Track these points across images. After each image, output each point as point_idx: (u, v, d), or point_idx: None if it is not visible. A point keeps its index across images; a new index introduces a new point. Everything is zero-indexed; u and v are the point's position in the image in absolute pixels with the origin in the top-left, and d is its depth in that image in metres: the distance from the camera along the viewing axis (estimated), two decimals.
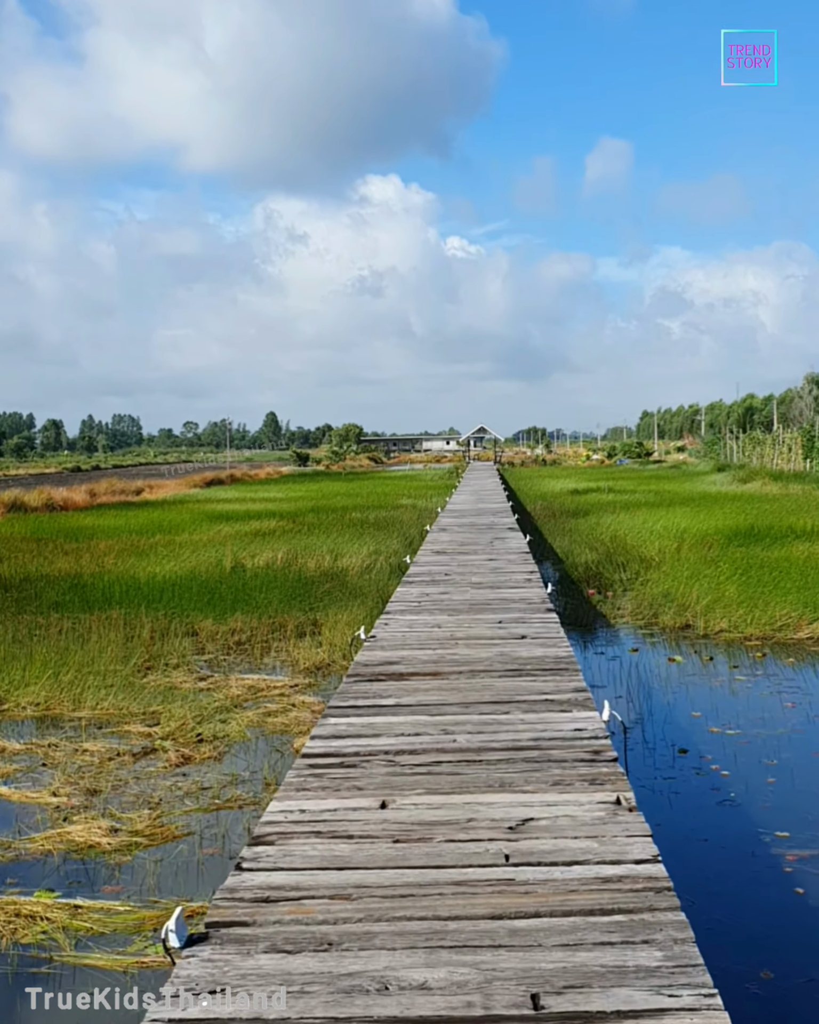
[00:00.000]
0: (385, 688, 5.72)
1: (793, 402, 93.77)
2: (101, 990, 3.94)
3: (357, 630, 7.76)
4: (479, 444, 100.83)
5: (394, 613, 8.49)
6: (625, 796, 3.55)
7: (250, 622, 12.31)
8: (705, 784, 6.89)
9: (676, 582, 13.97)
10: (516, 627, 7.51)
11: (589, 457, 78.37)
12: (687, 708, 8.71)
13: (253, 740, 8.25)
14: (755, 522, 19.37)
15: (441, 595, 9.37)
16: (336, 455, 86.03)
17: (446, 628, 7.59)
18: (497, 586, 9.84)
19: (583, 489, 34.20)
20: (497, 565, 11.50)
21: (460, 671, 6.09)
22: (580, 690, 5.46)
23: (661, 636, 11.74)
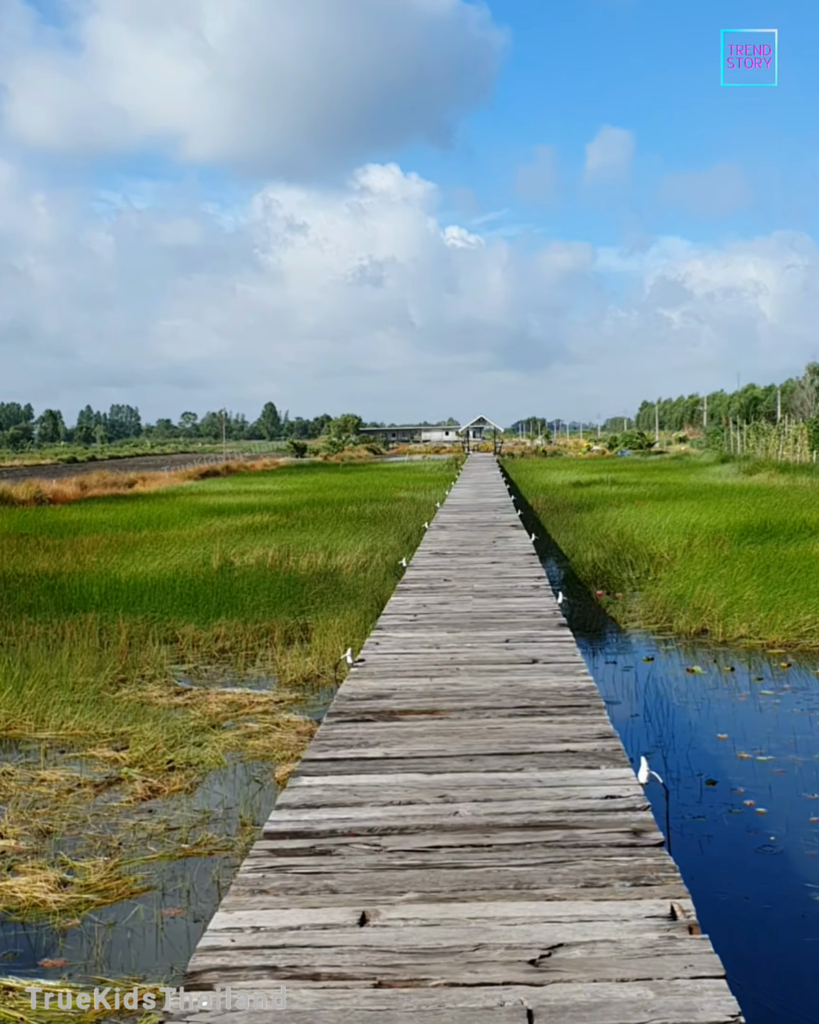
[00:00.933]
0: (372, 733, 4.80)
1: (795, 392, 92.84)
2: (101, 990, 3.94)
3: (344, 652, 6.92)
4: (478, 435, 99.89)
5: (386, 629, 7.62)
6: (681, 906, 2.69)
7: (235, 627, 11.48)
8: (739, 824, 6.07)
9: (689, 582, 13.14)
10: (526, 648, 6.63)
11: (590, 448, 77.44)
12: (711, 728, 7.89)
13: (230, 767, 7.43)
14: (767, 517, 18.53)
15: (440, 606, 8.53)
16: (334, 446, 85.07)
17: (445, 649, 6.73)
18: (502, 595, 8.99)
19: (585, 481, 33.34)
20: (501, 569, 10.71)
21: (462, 708, 5.19)
22: (607, 736, 4.55)
23: (676, 642, 10.92)
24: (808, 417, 68.56)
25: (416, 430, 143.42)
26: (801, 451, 40.75)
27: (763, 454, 44.32)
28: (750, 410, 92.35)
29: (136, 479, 41.45)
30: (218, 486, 37.44)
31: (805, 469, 34.08)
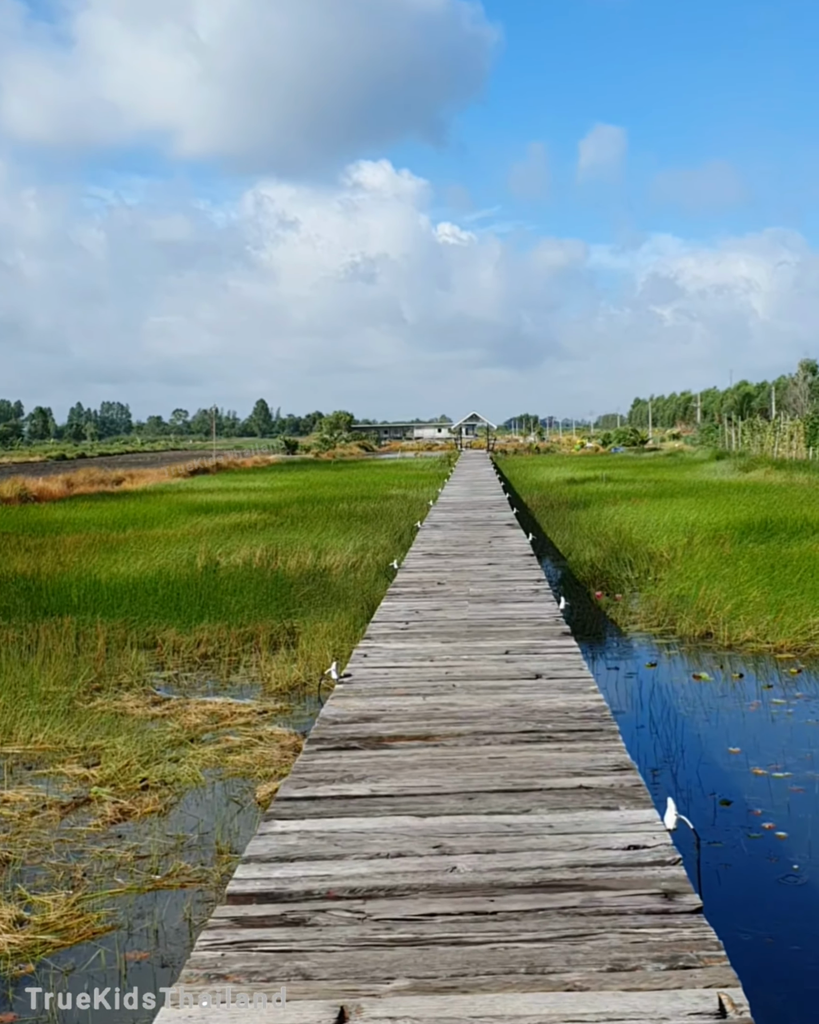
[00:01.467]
0: (358, 764, 4.21)
1: (788, 389, 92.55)
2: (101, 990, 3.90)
3: (330, 664, 6.39)
4: (471, 432, 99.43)
5: (376, 639, 7.07)
6: (730, 998, 2.18)
7: (219, 631, 10.97)
8: (759, 851, 5.59)
9: (691, 583, 12.66)
10: (528, 661, 6.07)
11: (583, 445, 76.94)
12: (722, 741, 7.40)
13: (208, 786, 6.92)
14: (768, 515, 18.07)
15: (433, 612, 7.97)
16: (326, 443, 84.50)
17: (440, 662, 6.15)
18: (500, 599, 8.45)
19: (580, 478, 32.86)
20: (498, 571, 10.19)
21: (459, 733, 4.62)
22: (624, 768, 4.01)
23: (680, 646, 10.44)
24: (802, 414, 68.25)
25: (408, 427, 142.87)
26: (797, 448, 40.34)
27: (759, 451, 43.90)
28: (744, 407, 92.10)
29: (124, 476, 40.87)
30: (207, 484, 36.87)
31: (802, 466, 33.66)
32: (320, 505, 24.59)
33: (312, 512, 22.72)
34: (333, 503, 24.96)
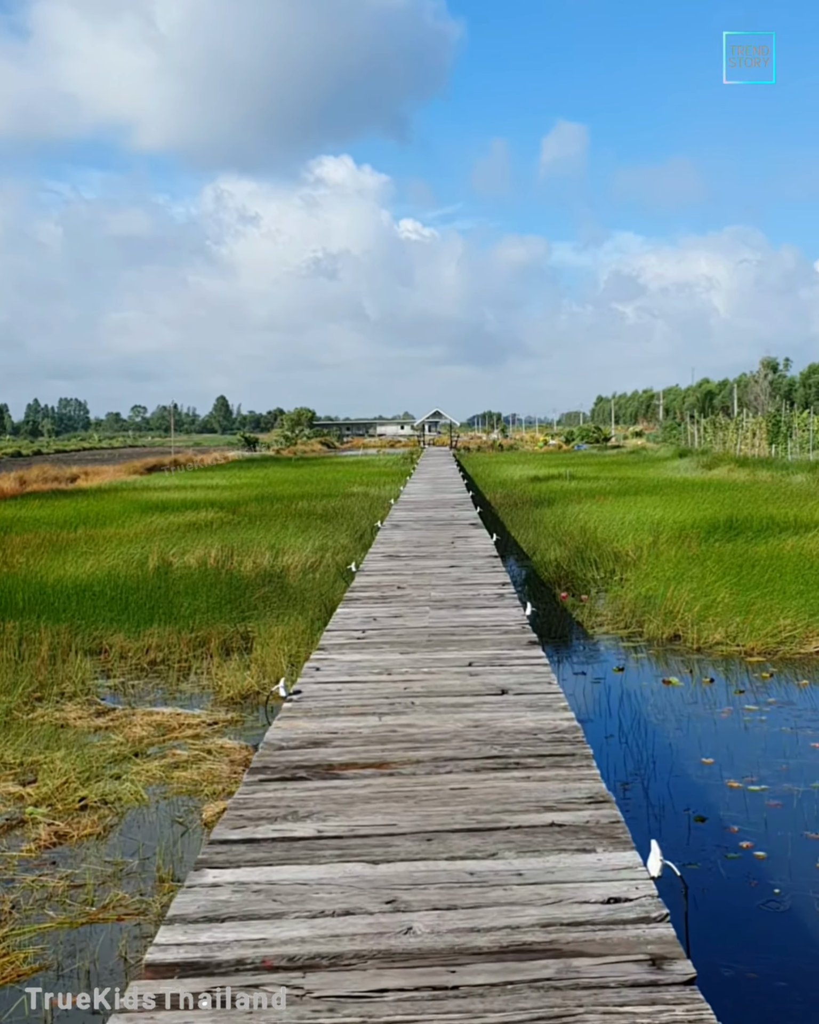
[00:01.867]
0: (304, 798, 3.75)
1: (749, 387, 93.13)
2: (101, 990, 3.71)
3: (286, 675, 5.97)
4: (434, 429, 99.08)
5: (330, 649, 6.54)
6: None
7: (169, 636, 10.51)
8: (738, 873, 5.25)
9: (658, 583, 12.37)
10: (493, 674, 5.64)
11: (546, 442, 76.85)
12: (694, 751, 7.07)
13: (152, 805, 6.48)
14: (733, 513, 17.85)
15: (392, 620, 7.47)
16: (287, 440, 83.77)
17: (398, 676, 5.69)
18: (463, 605, 7.99)
19: (544, 476, 32.61)
20: (461, 574, 9.73)
21: (418, 759, 4.16)
22: (600, 800, 3.59)
23: (648, 649, 10.12)
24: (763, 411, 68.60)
25: (371, 424, 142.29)
26: (759, 445, 40.39)
27: (721, 448, 43.94)
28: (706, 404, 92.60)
29: (79, 474, 40.10)
30: (164, 481, 36.21)
31: (765, 463, 33.65)
32: (279, 503, 24.11)
33: (271, 510, 22.25)
34: (293, 501, 24.51)
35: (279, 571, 14.82)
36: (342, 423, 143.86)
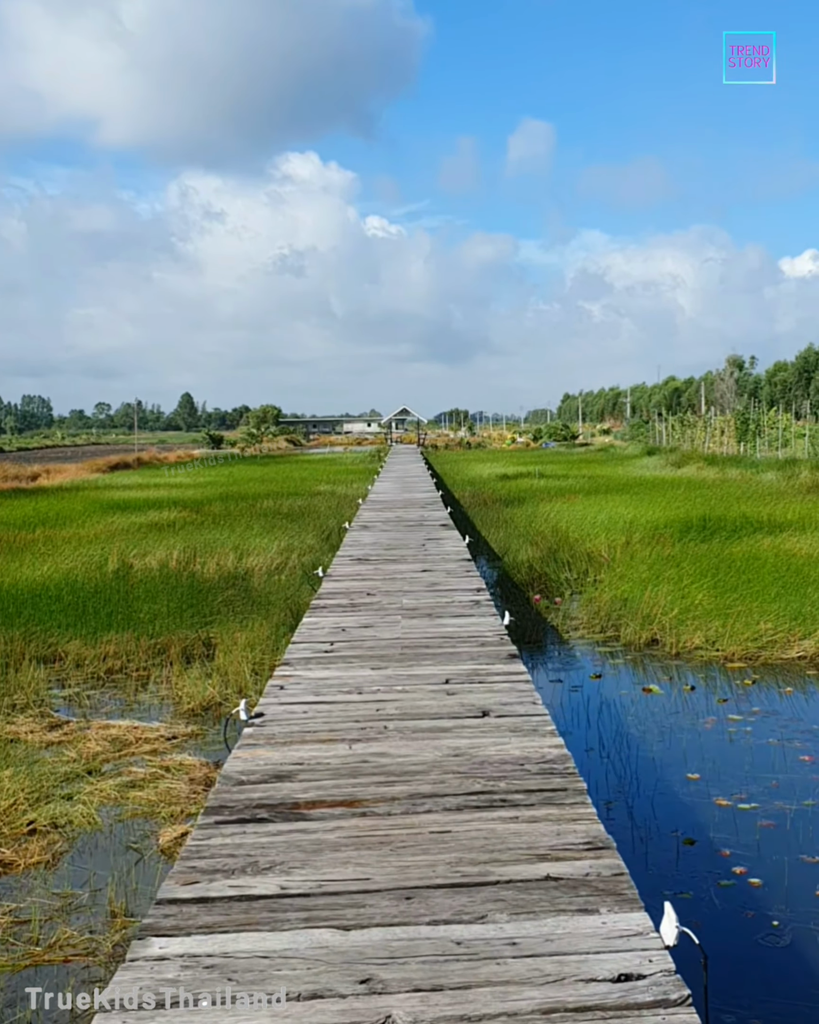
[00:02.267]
0: (266, 844, 3.29)
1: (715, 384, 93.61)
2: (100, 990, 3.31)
3: (240, 700, 5.51)
4: (401, 426, 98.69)
5: (295, 664, 6.03)
6: None
7: (127, 643, 10.06)
8: (733, 902, 4.91)
9: (633, 585, 12.07)
10: (472, 692, 5.23)
11: (514, 440, 76.63)
12: (679, 765, 6.74)
13: (106, 829, 6.06)
14: (706, 512, 17.62)
15: (362, 630, 7.01)
16: (252, 437, 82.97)
17: (369, 695, 5.26)
18: (437, 613, 7.55)
19: (513, 474, 32.33)
20: (434, 579, 9.29)
21: (393, 796, 3.72)
22: (599, 846, 3.21)
23: (625, 655, 9.80)
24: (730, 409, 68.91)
25: (338, 421, 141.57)
26: (728, 443, 40.35)
27: (690, 446, 43.90)
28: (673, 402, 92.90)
29: (40, 472, 39.33)
30: (126, 479, 35.57)
31: (734, 461, 33.57)
32: (244, 502, 23.64)
33: (235, 510, 21.78)
34: (257, 500, 24.04)
35: (243, 573, 14.39)
36: (309, 420, 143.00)
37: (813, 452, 32.70)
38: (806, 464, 28.42)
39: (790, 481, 25.55)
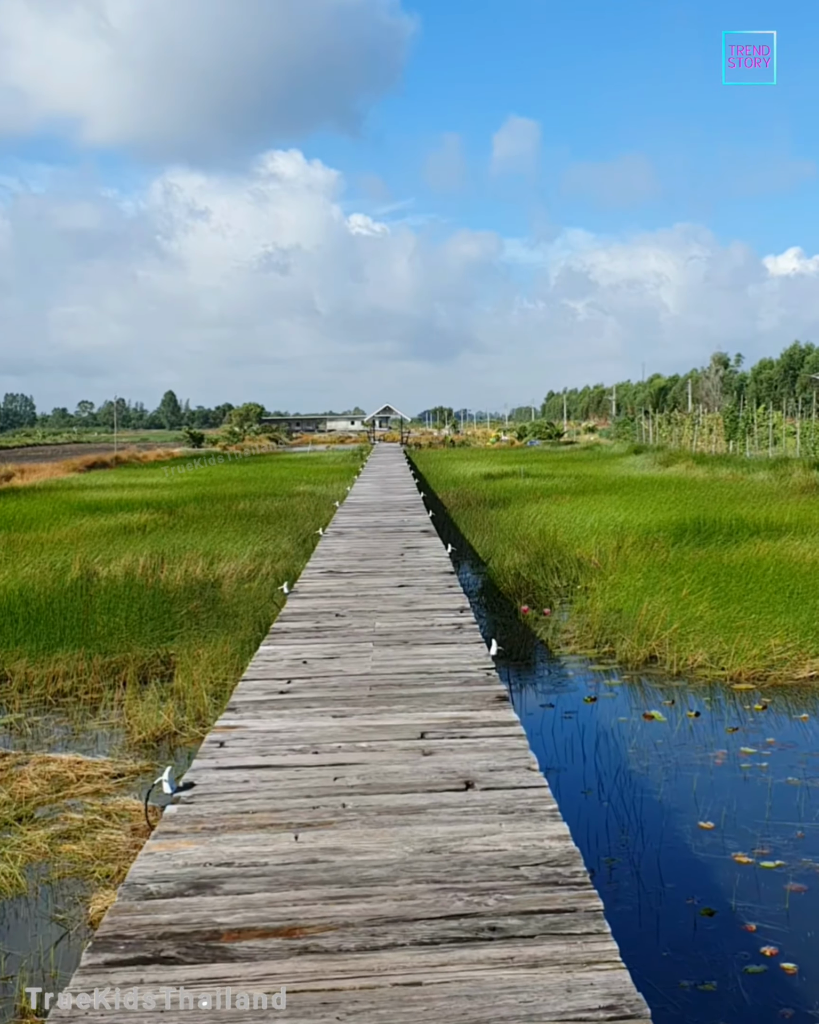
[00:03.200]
0: (167, 1005, 2.38)
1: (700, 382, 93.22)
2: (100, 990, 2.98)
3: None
4: (384, 424, 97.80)
5: (242, 710, 4.95)
6: None
7: (79, 661, 9.21)
8: (763, 996, 4.12)
9: (627, 594, 11.30)
10: (453, 751, 4.22)
11: (499, 438, 75.79)
12: (689, 811, 5.95)
13: (29, 893, 5.23)
14: (700, 514, 16.86)
15: (326, 663, 5.99)
16: (234, 436, 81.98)
17: (327, 755, 4.24)
18: (414, 639, 6.55)
19: (497, 473, 31.53)
20: (412, 596, 8.29)
21: (347, 921, 2.73)
22: (627, 1014, 2.25)
23: (621, 674, 9.01)
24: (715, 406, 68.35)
25: (321, 419, 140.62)
26: (717, 442, 39.68)
27: (677, 445, 43.22)
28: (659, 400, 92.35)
29: (14, 472, 38.26)
30: (102, 479, 34.60)
31: (723, 460, 32.88)
32: (220, 503, 22.77)
33: (210, 512, 20.92)
34: (234, 501, 23.17)
35: (213, 581, 13.56)
36: (292, 419, 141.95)
37: (805, 451, 32.03)
38: (798, 463, 27.74)
39: (783, 481, 24.86)
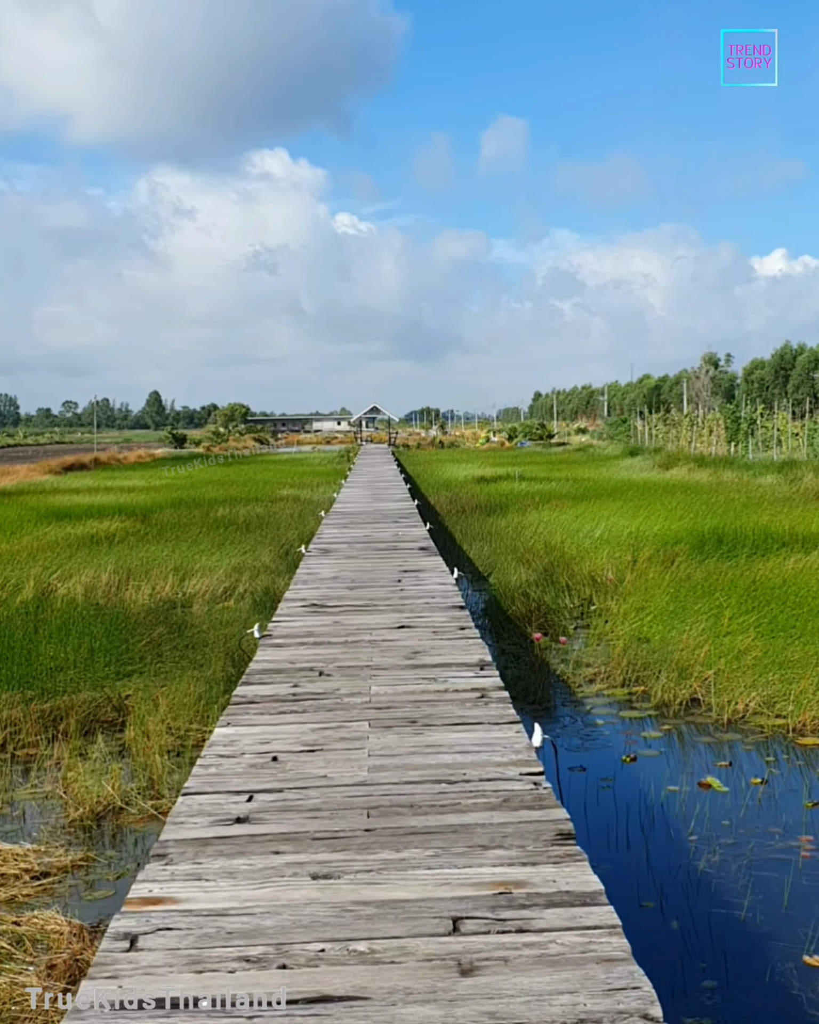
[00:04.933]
0: None
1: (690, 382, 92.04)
2: None
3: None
4: (371, 424, 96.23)
5: (175, 858, 3.25)
6: None
7: (16, 707, 7.72)
8: None
9: (652, 619, 9.91)
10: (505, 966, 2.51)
11: (488, 439, 74.19)
12: (788, 937, 4.50)
13: None
14: (718, 523, 15.46)
15: (305, 760, 4.28)
16: (218, 436, 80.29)
17: (301, 976, 2.50)
18: (424, 717, 4.84)
19: (491, 476, 30.08)
20: (416, 643, 6.58)
21: None
22: None
23: (659, 722, 7.59)
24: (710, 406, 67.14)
25: (307, 420, 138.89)
26: (716, 443, 38.32)
27: (674, 446, 41.86)
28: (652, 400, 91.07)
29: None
30: (77, 482, 33.00)
31: (726, 462, 31.52)
32: (198, 509, 21.27)
33: (187, 518, 19.42)
34: (213, 507, 21.66)
35: (183, 600, 12.10)
36: (278, 419, 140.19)
37: (812, 453, 30.69)
38: (808, 466, 26.38)
39: (794, 485, 23.49)
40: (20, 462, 49.37)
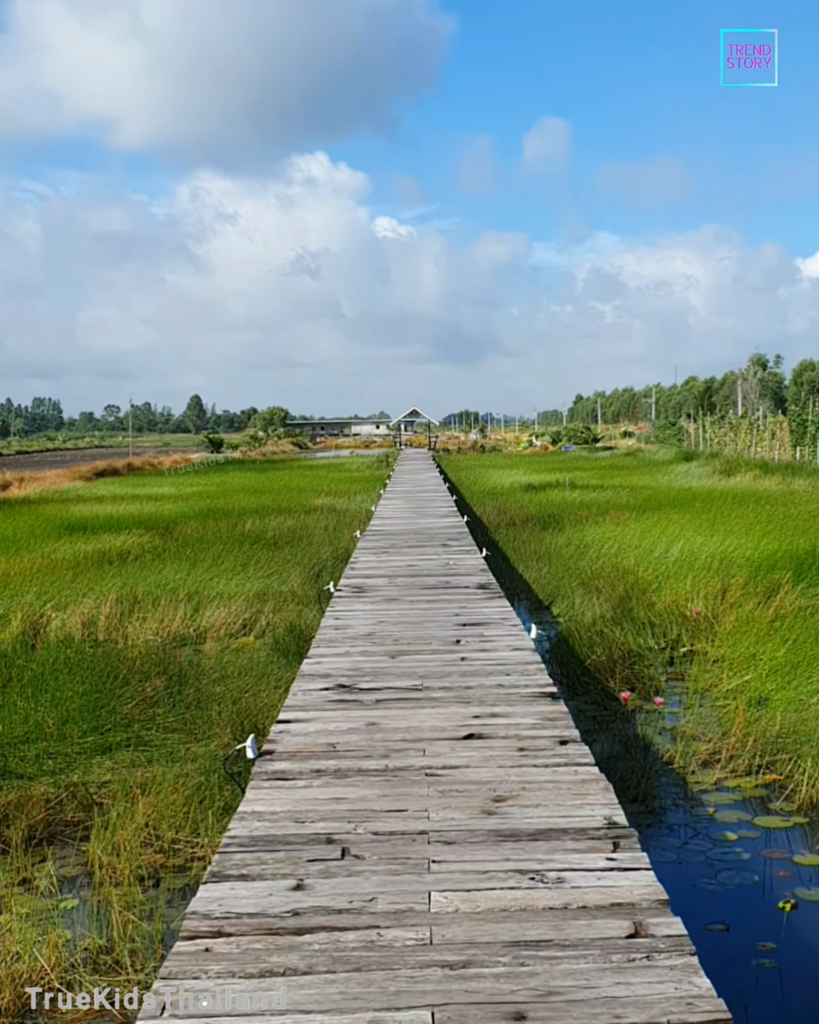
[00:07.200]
0: None
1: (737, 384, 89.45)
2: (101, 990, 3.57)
3: None
4: (410, 428, 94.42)
5: None
6: None
7: None
8: None
9: (770, 673, 7.91)
10: None
11: (531, 443, 71.88)
12: None
13: None
14: (816, 542, 13.37)
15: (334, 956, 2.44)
16: (255, 440, 78.81)
17: None
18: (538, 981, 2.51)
19: (538, 483, 28.04)
20: (495, 775, 4.26)
21: None
22: None
23: (811, 835, 5.58)
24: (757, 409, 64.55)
25: (346, 423, 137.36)
26: (782, 448, 35.99)
27: (732, 451, 39.54)
28: (703, 402, 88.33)
29: (12, 480, 35.15)
30: (105, 489, 31.39)
31: (793, 469, 29.24)
32: (226, 520, 19.48)
33: (212, 532, 17.62)
34: (242, 518, 19.85)
35: (193, 637, 10.31)
36: (317, 422, 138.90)
37: None
38: None
39: None
40: (54, 467, 48.13)
